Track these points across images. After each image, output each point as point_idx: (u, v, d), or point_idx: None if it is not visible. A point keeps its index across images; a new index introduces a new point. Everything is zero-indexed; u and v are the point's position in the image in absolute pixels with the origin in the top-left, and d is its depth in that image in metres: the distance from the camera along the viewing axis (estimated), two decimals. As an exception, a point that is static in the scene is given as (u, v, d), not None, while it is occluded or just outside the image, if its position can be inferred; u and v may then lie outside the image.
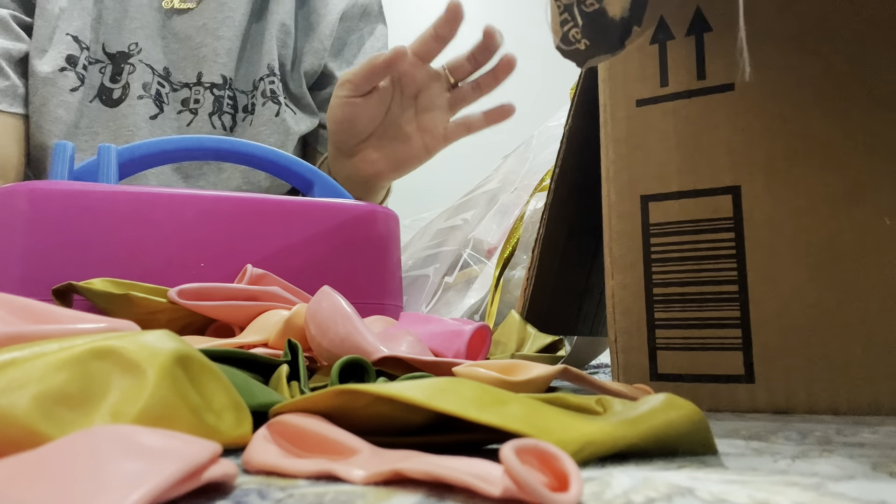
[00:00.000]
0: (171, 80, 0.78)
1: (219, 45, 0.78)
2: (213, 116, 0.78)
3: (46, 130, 0.71)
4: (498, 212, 0.64)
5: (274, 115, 0.80)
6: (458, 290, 0.60)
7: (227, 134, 0.79)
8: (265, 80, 0.80)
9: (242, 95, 0.80)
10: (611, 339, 0.35)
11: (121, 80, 0.75)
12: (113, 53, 0.75)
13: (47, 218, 0.38)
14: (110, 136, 0.74)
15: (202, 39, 0.78)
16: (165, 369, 0.18)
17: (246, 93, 0.81)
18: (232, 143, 0.49)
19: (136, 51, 0.76)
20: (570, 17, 0.30)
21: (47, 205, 0.39)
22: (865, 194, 0.31)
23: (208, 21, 0.78)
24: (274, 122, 0.80)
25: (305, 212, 0.45)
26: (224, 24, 0.78)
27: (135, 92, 0.75)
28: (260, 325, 0.35)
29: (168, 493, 0.14)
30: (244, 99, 0.81)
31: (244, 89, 0.81)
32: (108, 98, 0.74)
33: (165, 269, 0.40)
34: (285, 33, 0.82)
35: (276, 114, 0.80)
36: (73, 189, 0.39)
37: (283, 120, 0.80)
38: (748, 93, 0.33)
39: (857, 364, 0.30)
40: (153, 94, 0.76)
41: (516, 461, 0.14)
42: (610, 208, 0.36)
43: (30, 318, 0.24)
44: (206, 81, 0.78)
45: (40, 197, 0.39)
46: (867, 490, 0.16)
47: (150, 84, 0.76)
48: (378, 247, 0.47)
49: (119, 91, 0.75)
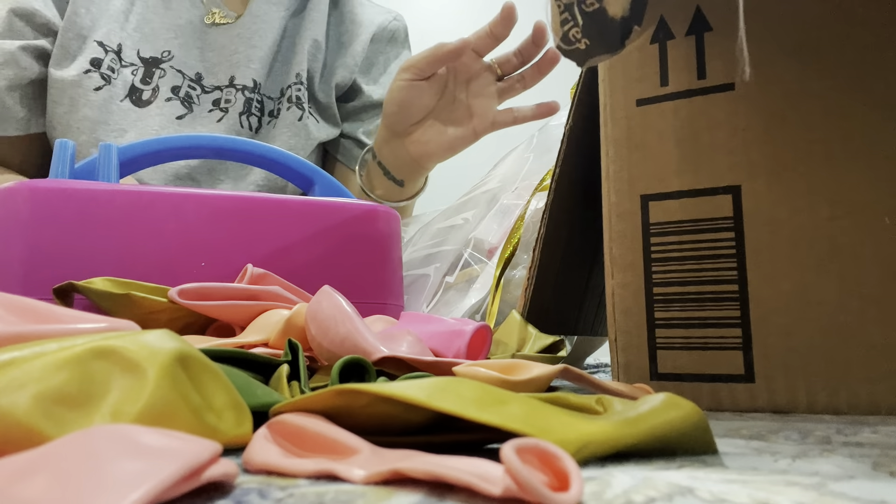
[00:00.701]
0: (202, 84, 0.82)
1: (252, 52, 0.82)
2: (243, 116, 0.82)
3: (75, 129, 0.76)
4: (499, 212, 0.64)
5: (297, 120, 0.84)
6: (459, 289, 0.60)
7: (253, 135, 0.83)
8: (292, 87, 0.85)
9: (270, 101, 0.85)
10: (611, 338, 0.35)
11: (151, 82, 0.79)
12: (146, 58, 0.80)
13: (47, 216, 0.38)
14: (137, 135, 0.77)
15: (236, 47, 0.82)
16: (166, 369, 0.18)
17: (273, 99, 0.85)
18: (233, 142, 0.49)
19: (168, 58, 0.80)
20: (570, 17, 0.30)
21: (47, 203, 0.39)
22: (865, 194, 0.31)
23: (243, 31, 0.83)
24: (296, 126, 0.84)
25: (306, 211, 0.45)
26: (257, 34, 0.83)
27: (163, 94, 0.80)
28: (260, 324, 0.35)
29: (168, 492, 0.14)
30: (271, 104, 0.85)
31: (272, 95, 0.85)
32: (139, 99, 0.79)
33: (166, 268, 0.40)
34: (316, 48, 0.87)
35: (299, 118, 0.84)
36: (73, 188, 0.39)
37: (304, 125, 0.84)
38: (748, 92, 0.33)
39: (857, 364, 0.30)
40: (182, 96, 0.80)
41: (517, 460, 0.14)
42: (610, 208, 0.36)
43: (30, 318, 0.24)
44: (238, 83, 0.82)
45: (40, 195, 0.39)
46: (867, 490, 0.16)
47: (180, 88, 0.80)
48: (379, 246, 0.47)
49: (149, 92, 0.79)
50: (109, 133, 0.77)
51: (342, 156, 0.92)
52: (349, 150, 0.92)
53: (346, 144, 0.92)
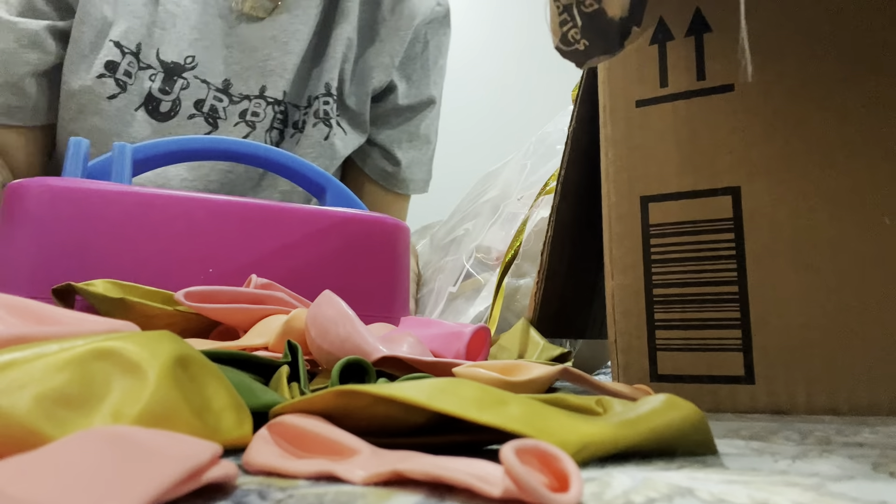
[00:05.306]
0: (230, 93, 0.73)
1: (287, 60, 0.73)
2: (268, 133, 0.75)
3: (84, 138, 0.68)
4: (506, 220, 0.64)
5: (323, 139, 0.76)
6: (468, 297, 0.60)
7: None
8: (320, 98, 0.76)
9: (294, 110, 0.76)
10: (611, 339, 0.35)
11: (171, 92, 0.70)
12: (167, 62, 0.70)
13: (58, 215, 0.38)
14: None
15: (269, 52, 0.73)
16: (166, 370, 0.18)
17: (299, 108, 0.77)
18: (247, 146, 0.49)
19: (192, 65, 0.71)
20: (569, 18, 0.30)
21: (58, 202, 0.39)
22: (865, 194, 0.31)
23: (278, 33, 0.73)
24: (322, 146, 0.76)
25: (316, 220, 0.45)
26: (294, 37, 0.74)
27: (185, 111, 0.71)
28: (261, 328, 0.35)
29: (169, 493, 0.14)
30: (296, 114, 0.76)
31: (297, 104, 0.77)
32: (155, 110, 0.70)
33: (174, 272, 0.40)
34: (349, 48, 0.77)
35: (326, 137, 0.76)
36: (85, 187, 0.39)
37: (331, 144, 0.76)
38: (748, 93, 0.33)
39: (857, 364, 0.30)
40: (206, 111, 0.72)
41: (516, 462, 0.14)
42: (610, 209, 0.36)
43: (30, 319, 0.24)
44: (269, 96, 0.74)
45: (52, 194, 0.39)
46: (867, 490, 0.16)
47: (205, 101, 0.72)
48: (388, 258, 0.47)
49: (168, 105, 0.70)
50: None
51: (368, 167, 0.84)
52: (374, 160, 0.84)
53: (372, 154, 0.84)
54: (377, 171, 0.84)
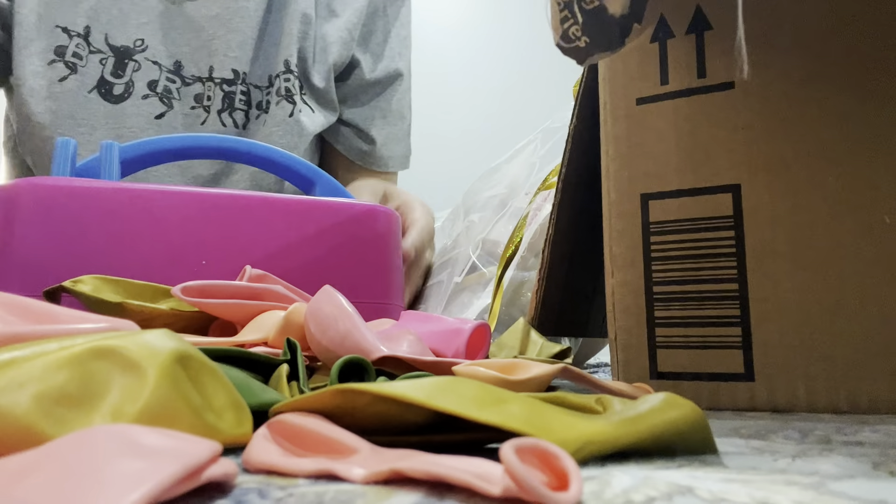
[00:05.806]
0: (182, 75, 0.73)
1: (231, 38, 0.74)
2: (223, 114, 0.75)
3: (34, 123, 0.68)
4: (513, 215, 0.64)
5: (287, 116, 0.76)
6: (473, 290, 0.61)
7: (240, 132, 0.76)
8: (280, 76, 0.76)
9: (257, 91, 0.76)
10: (611, 337, 0.35)
11: (124, 76, 0.70)
12: (117, 47, 0.70)
13: (49, 214, 0.38)
14: (111, 135, 0.70)
15: (214, 31, 0.73)
16: (165, 368, 0.18)
17: (261, 88, 0.76)
18: (236, 142, 0.49)
19: (142, 48, 0.71)
20: (570, 15, 0.30)
21: (49, 201, 0.39)
22: (865, 193, 0.31)
23: (222, 11, 0.73)
24: (287, 123, 0.76)
25: (307, 210, 0.45)
26: (238, 14, 0.74)
27: (139, 91, 0.71)
28: (259, 323, 0.35)
29: (168, 492, 0.14)
30: (258, 95, 0.76)
31: (259, 84, 0.76)
32: (108, 93, 0.70)
33: (167, 267, 0.40)
34: (306, 24, 0.77)
35: (290, 114, 0.76)
36: (75, 185, 0.39)
37: (297, 121, 0.76)
38: (749, 91, 0.33)
39: (857, 363, 0.30)
40: (160, 91, 0.72)
41: (516, 460, 0.14)
42: (610, 206, 0.36)
43: (30, 318, 0.24)
44: (216, 77, 0.74)
45: (42, 193, 0.39)
46: (867, 489, 0.16)
47: (158, 82, 0.72)
48: (379, 246, 0.47)
49: (121, 87, 0.70)
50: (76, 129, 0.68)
51: (342, 146, 0.83)
52: (349, 140, 0.83)
53: (346, 134, 0.83)
54: (354, 152, 0.84)
